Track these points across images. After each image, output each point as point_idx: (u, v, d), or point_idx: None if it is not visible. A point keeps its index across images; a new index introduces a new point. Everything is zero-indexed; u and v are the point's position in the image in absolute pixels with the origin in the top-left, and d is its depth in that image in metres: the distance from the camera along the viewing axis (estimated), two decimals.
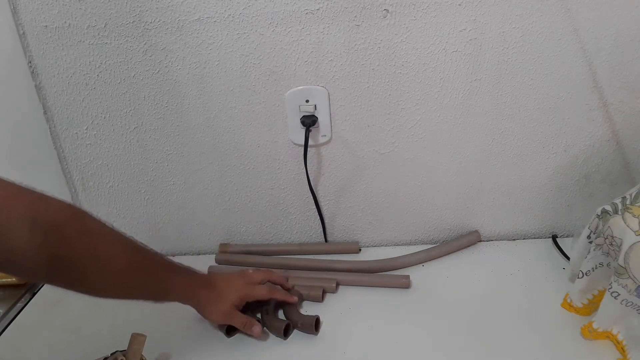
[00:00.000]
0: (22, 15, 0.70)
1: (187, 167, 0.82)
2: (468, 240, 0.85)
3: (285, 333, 0.68)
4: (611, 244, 0.59)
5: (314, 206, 0.84)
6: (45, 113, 0.77)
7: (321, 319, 0.71)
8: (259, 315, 0.72)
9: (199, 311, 0.68)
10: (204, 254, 0.90)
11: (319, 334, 0.69)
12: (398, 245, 0.88)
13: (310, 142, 0.77)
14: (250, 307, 0.71)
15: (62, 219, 0.49)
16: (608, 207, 0.61)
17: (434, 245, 0.85)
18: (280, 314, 0.73)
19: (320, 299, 0.75)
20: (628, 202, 0.60)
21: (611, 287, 0.59)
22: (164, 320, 0.73)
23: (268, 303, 0.72)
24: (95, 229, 0.54)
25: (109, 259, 0.54)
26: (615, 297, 0.59)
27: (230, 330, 0.69)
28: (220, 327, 0.70)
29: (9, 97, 0.76)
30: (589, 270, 0.64)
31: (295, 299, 0.72)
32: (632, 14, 0.67)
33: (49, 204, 0.49)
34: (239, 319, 0.68)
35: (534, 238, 0.86)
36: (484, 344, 0.65)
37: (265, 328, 0.70)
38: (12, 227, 0.45)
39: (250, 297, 0.70)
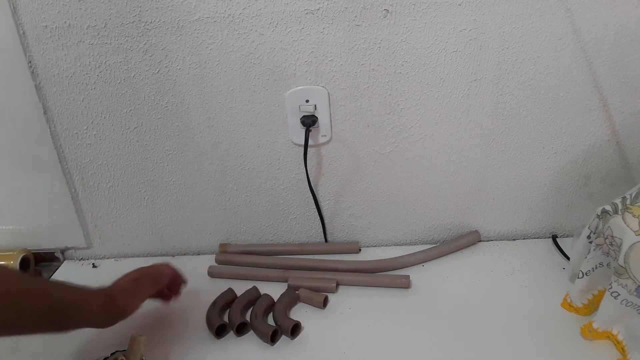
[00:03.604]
0: (22, 15, 0.70)
1: (187, 167, 0.82)
2: (468, 240, 0.85)
3: (273, 339, 0.68)
4: (611, 244, 0.59)
5: (314, 206, 0.84)
6: (45, 113, 0.77)
7: (302, 325, 0.70)
8: (248, 318, 0.72)
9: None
10: (204, 254, 0.90)
11: (319, 334, 0.69)
12: (398, 245, 0.88)
13: (310, 142, 0.77)
14: (235, 313, 0.71)
15: None
16: (608, 207, 0.61)
17: (434, 245, 0.85)
18: (270, 320, 0.72)
19: (321, 305, 0.74)
20: (628, 202, 0.60)
21: (611, 287, 0.59)
22: (163, 320, 0.73)
23: (255, 304, 0.72)
24: None
25: None
26: (615, 297, 0.59)
27: (219, 332, 0.69)
28: (209, 328, 0.70)
29: (9, 97, 0.76)
30: (589, 270, 0.64)
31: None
32: (632, 14, 0.67)
33: None
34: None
35: (534, 238, 0.86)
36: (484, 344, 0.65)
37: (254, 332, 0.69)
38: None
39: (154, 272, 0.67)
